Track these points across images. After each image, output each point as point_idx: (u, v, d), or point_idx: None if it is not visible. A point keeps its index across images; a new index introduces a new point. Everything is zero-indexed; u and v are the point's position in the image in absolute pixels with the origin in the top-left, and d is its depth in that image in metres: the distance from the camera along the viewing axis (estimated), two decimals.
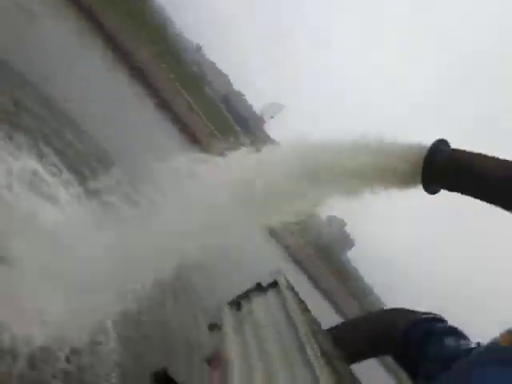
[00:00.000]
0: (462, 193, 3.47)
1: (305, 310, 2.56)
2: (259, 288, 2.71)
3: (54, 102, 10.61)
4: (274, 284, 2.66)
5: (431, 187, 3.56)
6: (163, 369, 2.86)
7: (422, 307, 3.34)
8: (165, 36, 37.25)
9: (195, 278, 9.13)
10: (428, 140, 3.59)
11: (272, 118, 66.20)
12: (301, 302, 2.55)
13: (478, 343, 2.62)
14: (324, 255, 45.18)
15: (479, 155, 3.34)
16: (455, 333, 2.86)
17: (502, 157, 3.21)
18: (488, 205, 3.21)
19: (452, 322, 3.05)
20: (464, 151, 3.43)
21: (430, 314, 3.08)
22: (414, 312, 3.24)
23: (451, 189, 3.51)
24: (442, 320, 3.00)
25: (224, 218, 4.35)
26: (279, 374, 1.95)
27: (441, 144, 3.50)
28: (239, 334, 2.42)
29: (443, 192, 3.64)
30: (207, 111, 33.87)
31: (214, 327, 2.57)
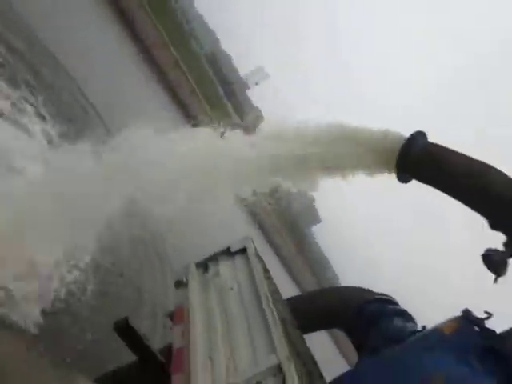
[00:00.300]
0: (430, 185, 3.64)
1: (269, 278, 2.69)
2: (228, 252, 2.81)
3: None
4: (243, 250, 2.76)
5: (403, 176, 3.71)
6: (125, 318, 2.96)
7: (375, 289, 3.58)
8: None
9: (167, 239, 9.21)
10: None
11: (257, 84, 65.22)
12: (266, 271, 2.67)
13: (424, 327, 2.84)
14: (290, 227, 45.91)
15: (451, 152, 3.48)
16: (404, 315, 3.08)
17: None
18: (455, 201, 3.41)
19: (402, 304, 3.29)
20: (439, 146, 3.57)
21: (383, 295, 3.29)
22: (369, 291, 3.45)
23: (421, 180, 3.67)
24: (394, 302, 3.21)
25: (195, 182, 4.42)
26: (239, 336, 2.07)
27: (419, 136, 3.63)
28: (204, 293, 2.53)
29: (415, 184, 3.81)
30: (191, 67, 33.09)
31: (180, 284, 2.66)
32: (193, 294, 2.49)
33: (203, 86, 33.84)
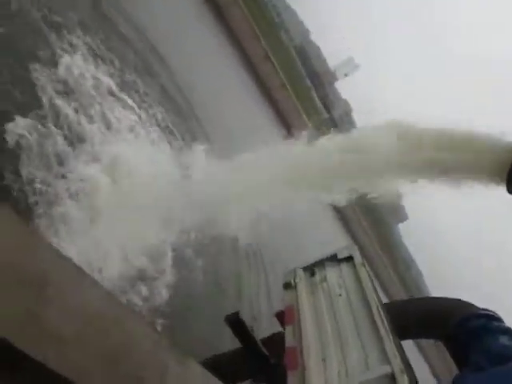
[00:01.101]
0: None
1: (373, 284, 2.79)
2: (334, 259, 2.95)
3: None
4: (349, 258, 2.89)
5: None
6: (236, 312, 3.23)
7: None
8: None
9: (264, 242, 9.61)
10: None
11: (346, 75, 63.98)
12: (372, 280, 2.77)
13: None
14: (375, 223, 44.82)
15: None
16: (509, 333, 3.01)
17: None
18: None
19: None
20: None
21: (488, 310, 3.23)
22: (472, 305, 3.39)
23: None
24: (499, 319, 3.14)
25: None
26: (349, 341, 2.22)
27: None
28: (312, 296, 2.70)
29: None
30: (280, 60, 33.37)
31: (289, 286, 2.85)
32: (302, 295, 2.67)
33: (292, 79, 33.94)
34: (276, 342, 3.28)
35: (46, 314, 1.57)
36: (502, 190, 3.76)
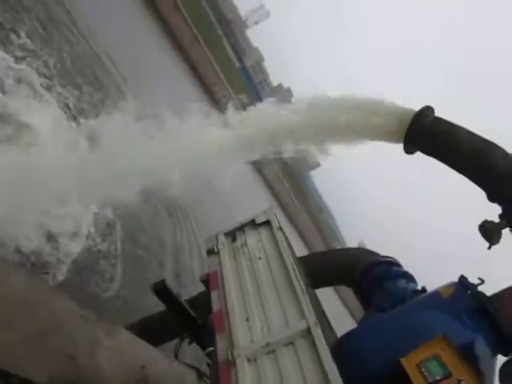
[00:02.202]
0: (435, 157, 3.92)
1: (289, 245, 3.04)
2: (253, 223, 3.14)
3: None
4: (267, 222, 3.09)
5: (410, 148, 3.98)
6: (162, 280, 3.33)
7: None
8: None
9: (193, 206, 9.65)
10: None
11: (257, 23, 63.20)
12: (287, 241, 3.01)
13: (423, 287, 3.23)
14: (288, 171, 46.31)
15: (458, 128, 3.73)
16: (406, 276, 3.47)
17: None
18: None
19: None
20: (445, 121, 3.81)
21: (389, 257, 3.67)
22: (375, 253, 3.83)
23: (426, 152, 3.94)
24: (398, 264, 3.60)
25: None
26: (270, 301, 2.45)
27: (427, 110, 3.86)
28: (234, 261, 2.88)
29: None
30: (191, 8, 31.90)
31: (212, 252, 3.00)
32: (225, 261, 2.84)
33: (203, 28, 32.81)
34: (202, 301, 3.47)
35: None
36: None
